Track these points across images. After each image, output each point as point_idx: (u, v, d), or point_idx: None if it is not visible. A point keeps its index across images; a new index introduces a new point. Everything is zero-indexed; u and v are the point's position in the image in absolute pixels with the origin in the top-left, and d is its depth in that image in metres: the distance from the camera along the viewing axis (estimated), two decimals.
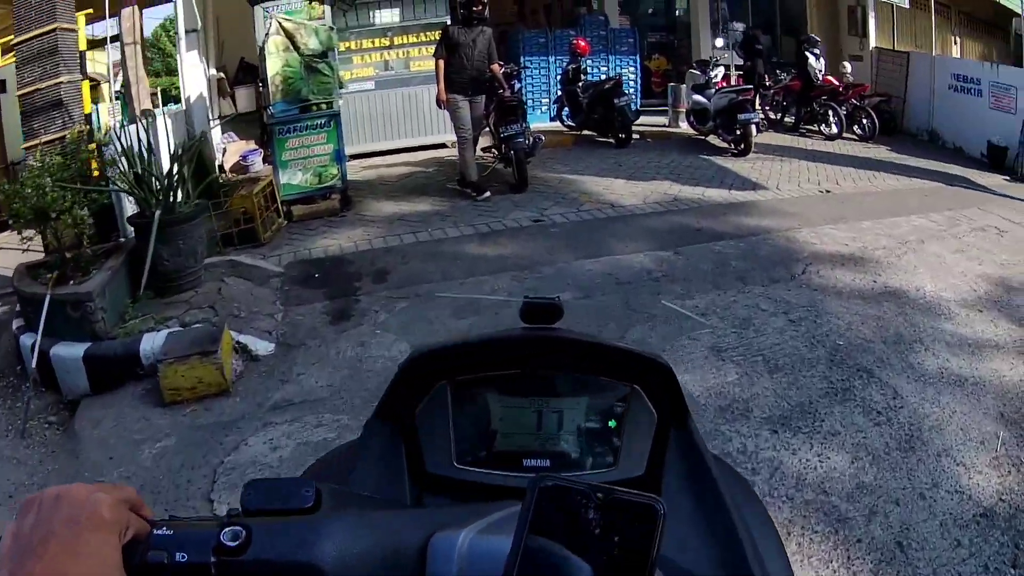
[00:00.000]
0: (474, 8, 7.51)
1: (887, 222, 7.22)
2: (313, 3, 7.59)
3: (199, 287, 5.39)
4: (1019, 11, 10.69)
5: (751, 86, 10.43)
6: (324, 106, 7.55)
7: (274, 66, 7.31)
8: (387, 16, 10.07)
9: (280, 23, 7.29)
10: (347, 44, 9.96)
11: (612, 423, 1.15)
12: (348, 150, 9.94)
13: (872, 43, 14.15)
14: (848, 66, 12.44)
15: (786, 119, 13.04)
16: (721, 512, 1.04)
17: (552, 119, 12.22)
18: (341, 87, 7.99)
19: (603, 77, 11.88)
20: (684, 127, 11.94)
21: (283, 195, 7.40)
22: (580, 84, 10.92)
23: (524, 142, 7.84)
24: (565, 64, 11.39)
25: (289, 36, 7.30)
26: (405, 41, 10.13)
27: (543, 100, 12.62)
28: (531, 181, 8.15)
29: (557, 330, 1.17)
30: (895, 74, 13.07)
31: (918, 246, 6.56)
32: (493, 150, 8.93)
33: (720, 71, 11.19)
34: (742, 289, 5.41)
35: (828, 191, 8.40)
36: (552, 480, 0.69)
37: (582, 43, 11.13)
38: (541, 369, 1.16)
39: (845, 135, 11.70)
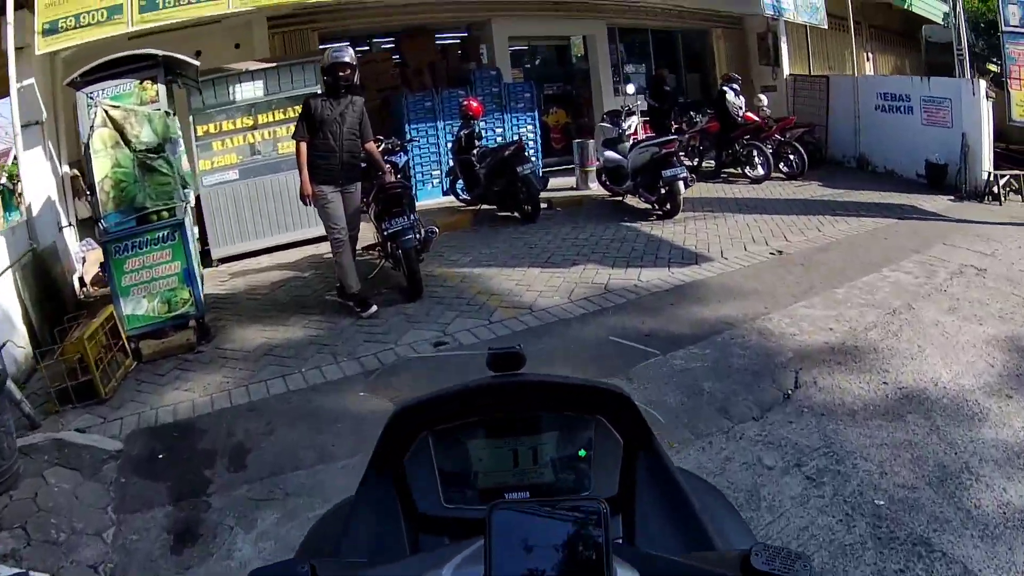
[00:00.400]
0: (340, 74, 5.99)
1: (861, 284, 6.07)
2: (145, 83, 5.97)
3: (14, 489, 3.90)
4: (941, 22, 9.99)
5: (674, 136, 9.13)
6: (165, 213, 5.89)
7: (102, 168, 5.65)
8: (249, 91, 8.47)
9: (106, 112, 5.67)
10: (204, 128, 8.35)
11: (583, 452, 1.26)
12: (214, 253, 8.39)
13: (786, 70, 13.66)
14: (764, 99, 11.74)
15: (704, 164, 12.10)
16: (689, 511, 1.17)
17: (445, 192, 10.82)
18: (186, 186, 6.35)
19: (500, 141, 10.62)
20: (595, 188, 10.70)
21: (128, 329, 5.73)
22: (475, 151, 9.44)
23: (414, 238, 6.30)
24: (457, 130, 9.95)
25: (118, 128, 5.67)
26: (272, 119, 8.50)
27: (434, 172, 11.20)
28: (428, 281, 6.65)
29: (522, 375, 1.26)
30: (814, 101, 12.47)
31: (908, 313, 5.41)
32: (377, 248, 7.28)
33: (634, 121, 9.94)
34: (729, 431, 3.93)
35: (780, 252, 7.18)
36: (504, 504, 0.88)
37: (474, 104, 9.67)
38: (512, 411, 1.27)
39: (772, 175, 10.78)
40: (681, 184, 8.58)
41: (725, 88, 11.21)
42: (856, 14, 13.26)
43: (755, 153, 10.86)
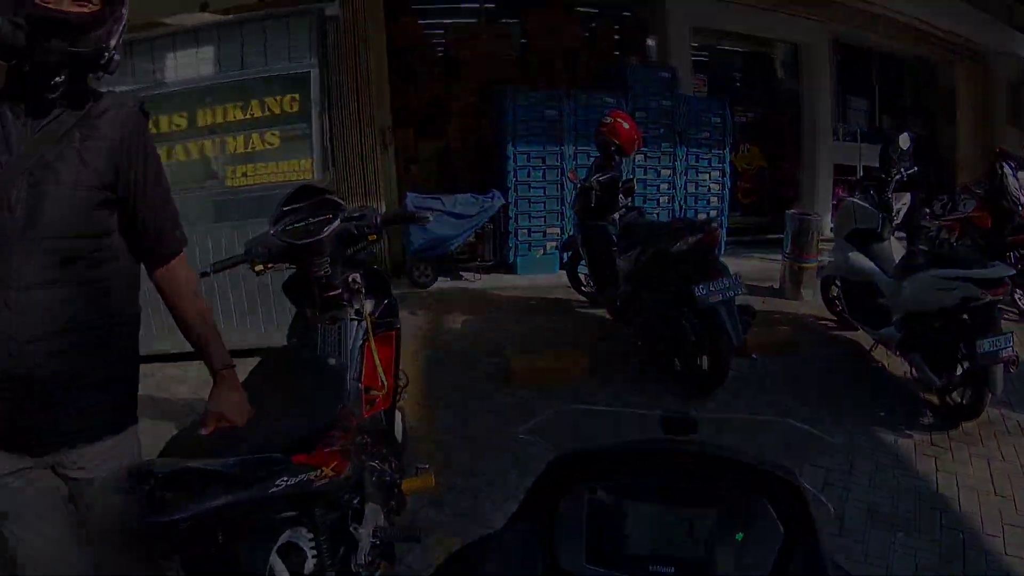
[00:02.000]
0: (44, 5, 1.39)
1: None
2: None
3: None
4: None
5: (1010, 271, 4.30)
6: None
7: None
8: (188, 65, 4.32)
9: None
10: None
11: (739, 534, 1.11)
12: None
13: None
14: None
15: None
16: None
17: (561, 267, 6.43)
18: None
19: (662, 202, 6.27)
20: (813, 298, 6.09)
21: None
22: (618, 215, 4.96)
23: None
24: (587, 171, 5.32)
25: None
26: (230, 117, 4.24)
27: (550, 231, 6.80)
28: None
29: (691, 442, 1.16)
30: None
31: None
32: None
33: (906, 203, 5.31)
34: None
35: None
36: None
37: (624, 124, 5.12)
38: (674, 479, 1.15)
39: None
40: (1000, 371, 3.86)
41: (1004, 166, 6.54)
42: None
43: None
